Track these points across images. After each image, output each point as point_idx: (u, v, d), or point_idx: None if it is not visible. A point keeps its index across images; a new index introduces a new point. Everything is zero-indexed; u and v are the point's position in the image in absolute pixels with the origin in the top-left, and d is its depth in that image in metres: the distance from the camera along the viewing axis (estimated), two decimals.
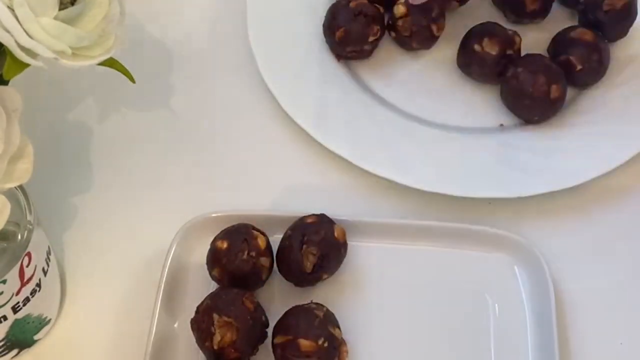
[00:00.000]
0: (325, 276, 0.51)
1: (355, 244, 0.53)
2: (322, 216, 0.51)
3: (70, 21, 0.42)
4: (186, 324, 0.49)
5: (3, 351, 0.49)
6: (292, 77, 0.61)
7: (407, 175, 0.56)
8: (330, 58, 0.63)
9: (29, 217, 0.46)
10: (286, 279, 0.51)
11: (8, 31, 0.40)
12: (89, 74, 0.52)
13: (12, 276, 0.45)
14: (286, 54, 0.62)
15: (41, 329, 0.50)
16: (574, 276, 0.53)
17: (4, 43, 0.40)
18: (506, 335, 0.51)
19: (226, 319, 0.47)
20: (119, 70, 0.48)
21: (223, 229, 0.51)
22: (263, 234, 0.51)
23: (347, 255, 0.52)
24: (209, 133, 0.60)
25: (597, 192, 0.57)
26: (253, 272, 0.50)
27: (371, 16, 0.60)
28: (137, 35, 0.64)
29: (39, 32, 0.40)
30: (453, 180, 0.56)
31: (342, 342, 0.48)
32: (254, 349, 0.48)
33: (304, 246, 0.50)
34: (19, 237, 0.45)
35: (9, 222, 0.41)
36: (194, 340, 0.48)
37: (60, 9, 0.41)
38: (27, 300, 0.47)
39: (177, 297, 0.51)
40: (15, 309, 0.46)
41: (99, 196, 0.57)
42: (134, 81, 0.49)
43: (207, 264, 0.51)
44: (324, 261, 0.50)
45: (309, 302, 0.49)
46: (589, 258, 0.54)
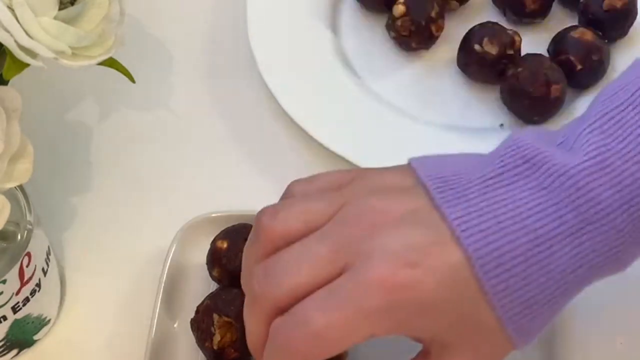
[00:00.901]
0: None
1: None
2: None
3: (70, 21, 0.42)
4: (186, 324, 0.49)
5: (3, 351, 0.49)
6: (292, 77, 0.61)
7: None
8: (330, 58, 0.63)
9: (29, 217, 0.46)
10: None
11: (8, 31, 0.40)
12: (89, 74, 0.51)
13: (12, 276, 0.45)
14: (286, 54, 0.62)
15: (41, 329, 0.50)
16: None
17: (4, 43, 0.40)
18: None
19: (226, 319, 0.47)
20: (119, 70, 0.48)
21: (223, 229, 0.51)
22: None
23: None
24: (209, 133, 0.60)
25: None
26: None
27: None
28: (137, 35, 0.64)
29: (39, 32, 0.40)
30: None
31: None
32: None
33: None
34: (19, 237, 0.45)
35: (9, 222, 0.41)
36: (194, 340, 0.48)
37: (60, 9, 0.41)
38: (27, 300, 0.47)
39: (177, 297, 0.51)
40: (15, 309, 0.46)
41: (99, 196, 0.57)
42: (134, 81, 0.50)
43: (207, 264, 0.51)
44: None
45: None
46: None
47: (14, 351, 0.50)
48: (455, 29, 0.63)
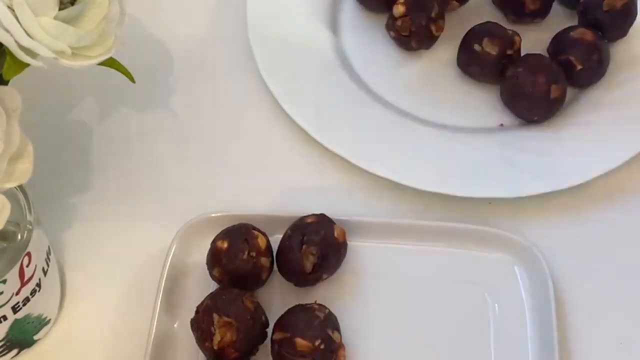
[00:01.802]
0: (325, 276, 0.51)
1: (355, 244, 0.53)
2: (322, 216, 0.51)
3: (70, 21, 0.42)
4: (186, 324, 0.49)
5: (3, 351, 0.49)
6: (292, 77, 0.61)
7: (407, 175, 0.56)
8: (330, 58, 0.63)
9: (29, 217, 0.46)
10: (286, 279, 0.51)
11: (8, 31, 0.40)
12: (89, 74, 0.51)
13: (12, 276, 0.45)
14: (286, 53, 0.62)
15: (41, 329, 0.50)
16: (574, 276, 0.53)
17: (4, 43, 0.40)
18: (506, 335, 0.50)
19: (226, 319, 0.47)
20: (119, 70, 0.48)
21: (223, 229, 0.51)
22: (263, 234, 0.51)
23: (347, 255, 0.52)
24: (209, 133, 0.60)
25: (597, 192, 0.57)
26: (253, 272, 0.50)
27: None
28: (137, 35, 0.64)
29: (39, 32, 0.40)
30: (453, 180, 0.56)
31: (341, 346, 0.48)
32: (254, 349, 0.48)
33: (304, 246, 0.50)
34: (19, 237, 0.45)
35: (9, 222, 0.41)
36: (194, 340, 0.48)
37: (60, 8, 0.41)
38: (27, 300, 0.47)
39: (177, 297, 0.51)
40: (15, 309, 0.46)
41: (99, 196, 0.57)
42: (134, 81, 0.49)
43: (207, 264, 0.51)
44: (323, 261, 0.50)
45: (312, 302, 0.49)
46: (589, 258, 0.54)
47: (14, 351, 0.50)
48: (455, 29, 0.63)
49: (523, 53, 0.60)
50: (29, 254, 0.45)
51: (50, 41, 0.41)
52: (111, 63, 0.47)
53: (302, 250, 0.50)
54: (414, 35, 0.61)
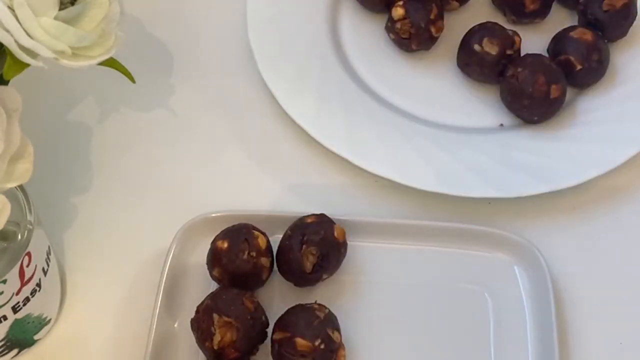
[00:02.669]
0: (325, 276, 0.51)
1: (355, 244, 0.53)
2: (322, 216, 0.51)
3: (70, 21, 0.42)
4: (186, 324, 0.49)
5: (3, 351, 0.49)
6: (292, 77, 0.61)
7: (407, 175, 0.56)
8: (330, 58, 0.63)
9: (29, 217, 0.46)
10: (286, 279, 0.51)
11: (8, 31, 0.40)
12: (89, 74, 0.51)
13: (12, 276, 0.45)
14: (286, 54, 0.62)
15: (41, 328, 0.50)
16: (574, 276, 0.53)
17: (4, 43, 0.40)
18: (506, 335, 0.51)
19: (226, 319, 0.47)
20: (119, 70, 0.48)
21: (223, 229, 0.51)
22: (263, 234, 0.51)
23: (347, 255, 0.52)
24: (209, 133, 0.60)
25: (597, 192, 0.57)
26: (253, 272, 0.50)
27: None
28: (137, 35, 0.64)
29: (39, 32, 0.40)
30: (453, 180, 0.56)
31: (341, 346, 0.48)
32: (254, 348, 0.48)
33: (304, 246, 0.50)
34: (19, 237, 0.45)
35: (9, 222, 0.41)
36: (194, 340, 0.48)
37: (60, 9, 0.41)
38: (27, 300, 0.47)
39: (177, 297, 0.51)
40: (15, 309, 0.46)
41: (99, 196, 0.57)
42: (134, 81, 0.50)
43: (207, 264, 0.51)
44: (324, 261, 0.50)
45: (312, 302, 0.49)
46: (589, 258, 0.54)
47: (14, 351, 0.50)
48: (455, 29, 0.63)
49: (523, 53, 0.60)
50: (29, 254, 0.45)
51: (50, 41, 0.41)
52: (111, 63, 0.47)
53: (302, 250, 0.50)
54: (413, 37, 0.61)
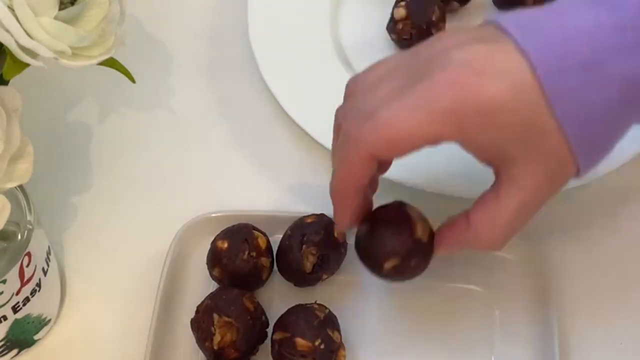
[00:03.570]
0: (325, 276, 0.51)
1: None
2: (322, 216, 0.51)
3: (70, 21, 0.42)
4: (186, 324, 0.49)
5: (3, 351, 0.49)
6: (293, 78, 0.61)
7: (406, 174, 0.56)
8: (331, 58, 0.63)
9: (29, 217, 0.46)
10: (286, 279, 0.51)
11: (8, 31, 0.40)
12: (89, 74, 0.52)
13: (12, 276, 0.45)
14: (286, 53, 0.62)
15: (41, 329, 0.50)
16: (574, 276, 0.53)
17: (4, 43, 0.40)
18: (506, 335, 0.50)
19: (226, 319, 0.47)
20: (119, 70, 0.48)
21: (223, 229, 0.51)
22: (263, 234, 0.51)
23: (347, 255, 0.52)
24: (208, 133, 0.61)
25: (597, 193, 0.57)
26: (253, 272, 0.50)
27: None
28: (137, 35, 0.64)
29: (39, 32, 0.40)
30: (453, 180, 0.56)
31: (341, 346, 0.48)
32: (254, 349, 0.48)
33: (304, 246, 0.50)
34: (19, 237, 0.45)
35: (9, 222, 0.41)
36: (194, 340, 0.48)
37: (60, 9, 0.41)
38: (27, 300, 0.47)
39: (177, 297, 0.51)
40: (15, 309, 0.46)
41: (99, 196, 0.57)
42: (134, 81, 0.50)
43: (207, 264, 0.51)
44: (323, 261, 0.50)
45: (312, 302, 0.49)
46: (589, 258, 0.54)
47: (14, 351, 0.50)
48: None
49: None
50: (29, 254, 0.45)
51: (50, 41, 0.41)
52: (111, 63, 0.47)
53: (302, 250, 0.50)
54: (414, 38, 0.61)
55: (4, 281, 0.44)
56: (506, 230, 0.43)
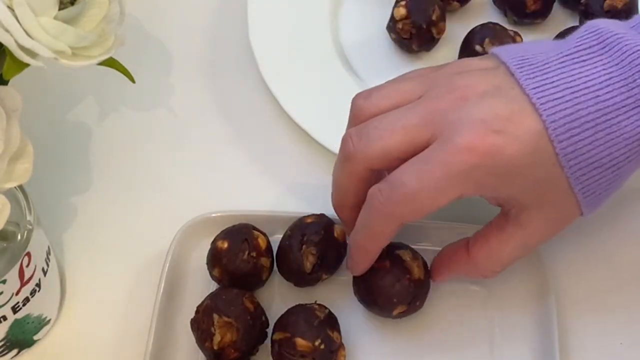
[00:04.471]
0: (325, 276, 0.51)
1: None
2: (322, 216, 0.51)
3: (70, 21, 0.42)
4: (186, 324, 0.49)
5: (3, 351, 0.49)
6: (293, 78, 0.61)
7: None
8: (331, 58, 0.63)
9: (29, 217, 0.46)
10: (286, 279, 0.51)
11: (8, 31, 0.40)
12: (89, 74, 0.51)
13: (12, 276, 0.45)
14: (286, 53, 0.62)
15: (41, 329, 0.50)
16: (574, 276, 0.53)
17: (4, 43, 0.40)
18: (506, 335, 0.50)
19: (226, 319, 0.47)
20: (119, 70, 0.48)
21: (223, 229, 0.51)
22: (264, 234, 0.51)
23: (347, 255, 0.52)
24: (209, 133, 0.60)
25: None
26: (253, 273, 0.50)
27: None
28: (137, 35, 0.64)
29: (39, 32, 0.40)
30: None
31: (341, 346, 0.48)
32: (254, 349, 0.48)
33: (304, 246, 0.50)
34: (19, 237, 0.45)
35: (9, 222, 0.41)
36: (194, 340, 0.48)
37: (60, 8, 0.41)
38: (26, 300, 0.47)
39: (177, 297, 0.51)
40: (15, 309, 0.46)
41: (99, 196, 0.57)
42: (134, 81, 0.49)
43: (207, 264, 0.51)
44: (323, 261, 0.50)
45: (312, 302, 0.49)
46: (589, 258, 0.54)
47: (14, 351, 0.50)
48: (456, 30, 0.63)
49: None
50: (28, 254, 0.45)
51: (50, 41, 0.41)
52: (111, 63, 0.47)
53: (302, 250, 0.50)
54: (414, 38, 0.61)
55: (4, 281, 0.44)
56: (505, 264, 0.47)
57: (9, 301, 0.46)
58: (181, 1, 0.68)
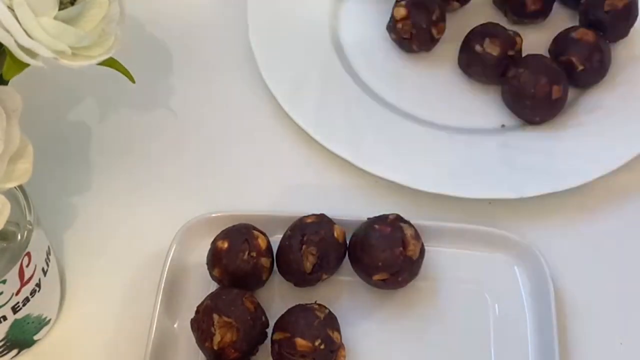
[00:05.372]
0: (325, 276, 0.51)
1: None
2: (322, 216, 0.51)
3: (70, 21, 0.41)
4: (186, 324, 0.49)
5: (3, 351, 0.49)
6: (292, 77, 0.61)
7: (407, 175, 0.56)
8: (331, 58, 0.63)
9: (29, 217, 0.46)
10: (286, 279, 0.51)
11: (8, 31, 0.40)
12: (89, 74, 0.51)
13: (12, 276, 0.45)
14: (286, 53, 0.62)
15: (41, 329, 0.50)
16: (574, 276, 0.53)
17: (4, 43, 0.40)
18: (506, 335, 0.50)
19: (226, 319, 0.47)
20: (119, 70, 0.48)
21: (223, 229, 0.51)
22: (264, 234, 0.51)
23: (347, 255, 0.52)
24: (209, 133, 0.60)
25: (598, 193, 0.57)
26: (253, 273, 0.50)
27: None
28: (137, 35, 0.64)
29: (39, 32, 0.40)
30: (453, 180, 0.56)
31: (341, 346, 0.48)
32: (254, 349, 0.48)
33: (304, 246, 0.50)
34: (19, 237, 0.45)
35: (9, 222, 0.41)
36: (194, 340, 0.48)
37: (60, 8, 0.41)
38: (26, 300, 0.47)
39: (177, 297, 0.51)
40: (15, 309, 0.46)
41: (99, 196, 0.57)
42: (134, 81, 0.49)
43: (207, 264, 0.51)
44: (323, 261, 0.50)
45: (312, 302, 0.49)
46: (589, 258, 0.54)
47: (14, 351, 0.50)
48: (456, 30, 0.63)
49: (524, 54, 0.60)
50: (28, 254, 0.45)
51: (50, 41, 0.40)
52: (111, 63, 0.47)
53: (302, 250, 0.50)
54: (414, 38, 0.61)
55: (4, 281, 0.44)
56: None
57: (9, 301, 0.46)
58: (181, 1, 0.68)
